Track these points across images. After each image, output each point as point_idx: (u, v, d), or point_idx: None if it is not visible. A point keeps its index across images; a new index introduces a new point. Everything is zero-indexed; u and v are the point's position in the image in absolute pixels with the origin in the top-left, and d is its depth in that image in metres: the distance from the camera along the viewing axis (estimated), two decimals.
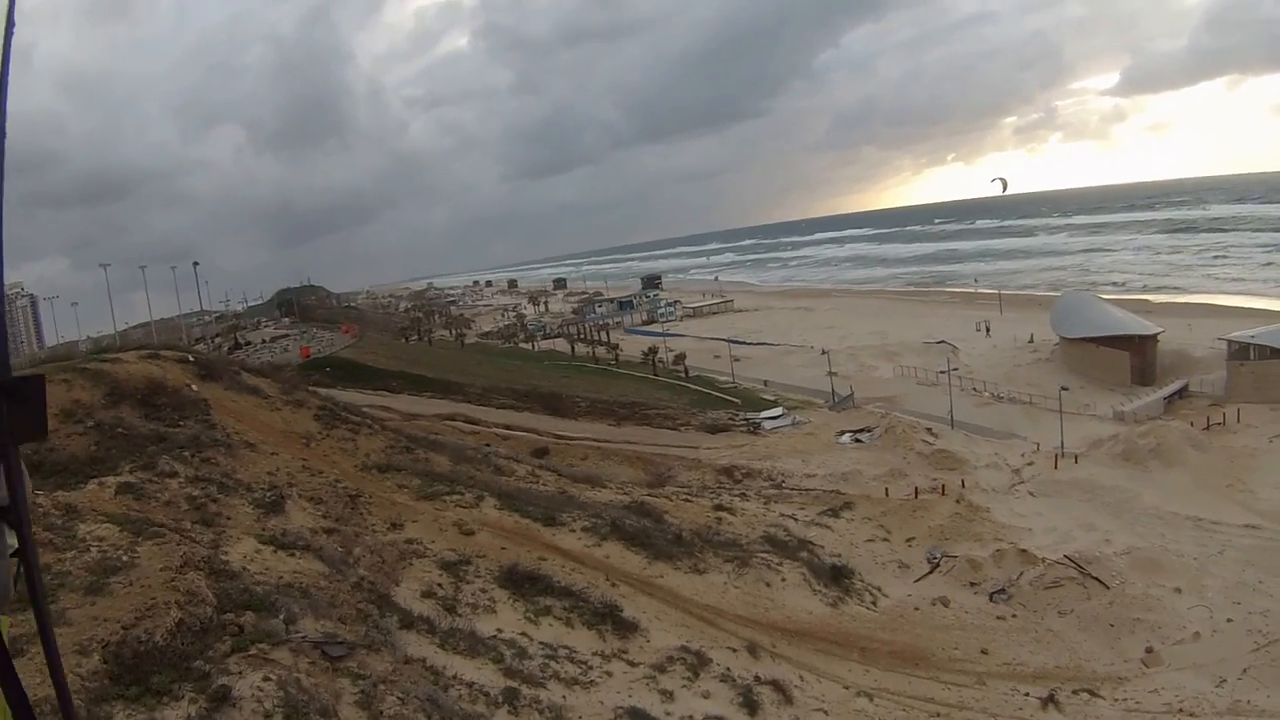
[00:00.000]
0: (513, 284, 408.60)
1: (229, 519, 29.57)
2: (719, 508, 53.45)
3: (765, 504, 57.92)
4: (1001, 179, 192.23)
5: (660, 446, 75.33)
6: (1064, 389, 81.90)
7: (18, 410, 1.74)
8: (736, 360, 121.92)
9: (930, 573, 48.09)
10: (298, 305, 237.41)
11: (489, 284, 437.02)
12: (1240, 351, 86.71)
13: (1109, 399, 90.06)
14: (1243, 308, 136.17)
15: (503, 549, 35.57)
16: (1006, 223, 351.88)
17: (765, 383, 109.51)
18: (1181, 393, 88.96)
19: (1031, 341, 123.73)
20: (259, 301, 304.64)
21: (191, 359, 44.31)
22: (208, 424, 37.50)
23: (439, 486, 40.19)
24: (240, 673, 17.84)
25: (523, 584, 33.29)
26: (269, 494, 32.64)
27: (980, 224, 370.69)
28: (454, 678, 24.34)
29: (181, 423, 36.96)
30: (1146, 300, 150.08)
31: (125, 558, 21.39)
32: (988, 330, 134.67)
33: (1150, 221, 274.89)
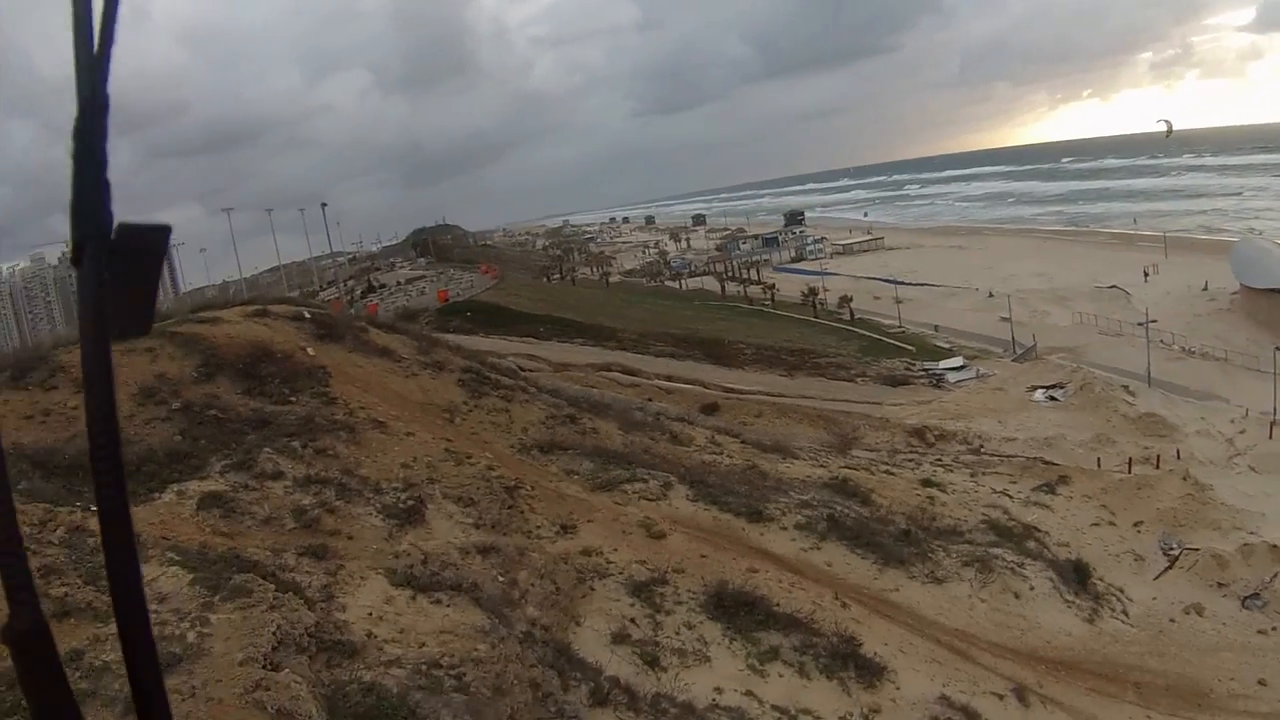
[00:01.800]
0: (650, 220, 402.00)
1: (350, 539, 21.80)
2: (927, 483, 45.29)
3: (972, 476, 49.44)
4: (1167, 121, 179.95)
5: (839, 402, 66.83)
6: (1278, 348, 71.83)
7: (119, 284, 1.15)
8: (899, 302, 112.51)
9: (1169, 568, 40.31)
10: (433, 245, 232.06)
11: (625, 220, 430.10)
12: None
13: None
14: None
15: (704, 558, 27.41)
16: (1140, 161, 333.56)
17: (936, 328, 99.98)
18: None
19: (1206, 289, 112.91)
20: (393, 241, 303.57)
21: (308, 315, 36.34)
22: (326, 399, 29.71)
23: (615, 470, 31.95)
24: None
25: (736, 612, 25.07)
26: (404, 496, 24.77)
27: (1109, 162, 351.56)
28: None
29: (293, 398, 29.32)
30: None
31: (192, 637, 13.81)
32: (1146, 275, 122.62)
33: None
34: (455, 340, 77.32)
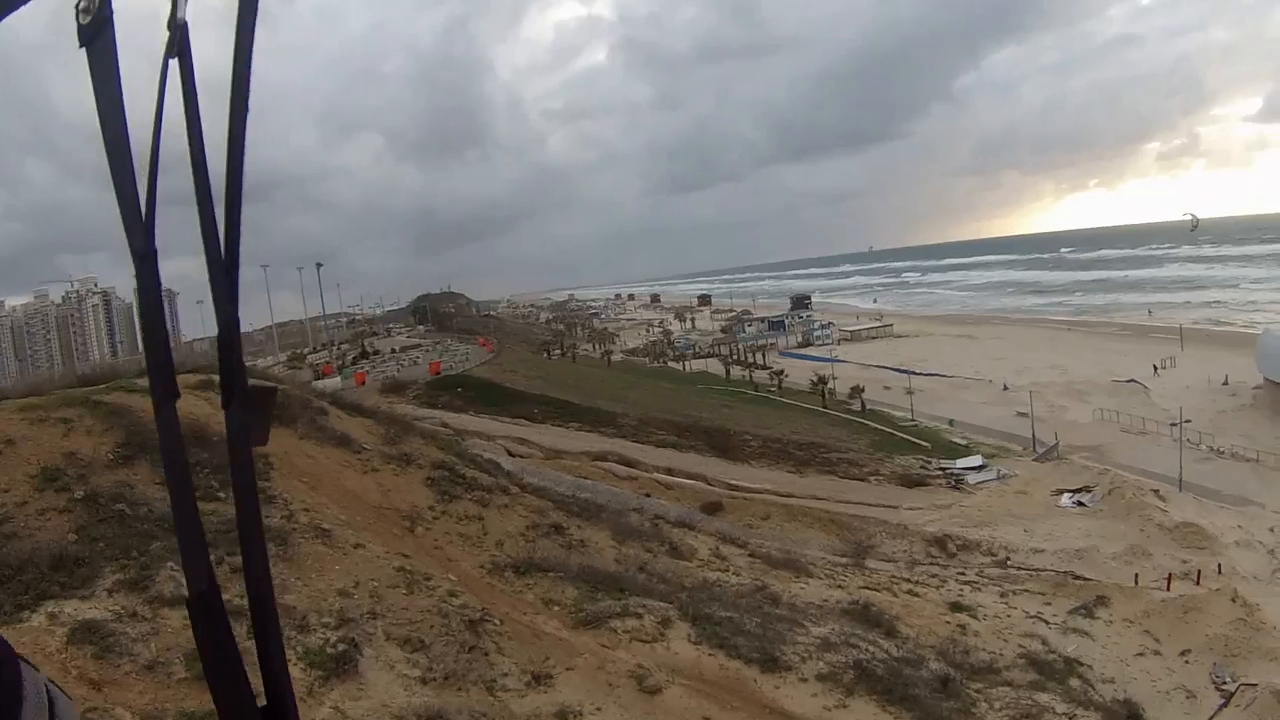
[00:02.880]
0: (655, 299, 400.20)
1: None
2: (956, 606, 40.26)
3: (1002, 596, 44.24)
4: (1193, 214, 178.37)
5: (853, 504, 61.58)
6: None
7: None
8: (910, 393, 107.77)
9: (1224, 705, 34.71)
10: (432, 313, 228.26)
11: (631, 297, 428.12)
12: None
13: None
14: None
15: None
16: (1141, 251, 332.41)
17: (951, 423, 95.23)
18: None
19: (1227, 383, 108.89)
20: (395, 306, 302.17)
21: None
22: (262, 497, 24.60)
23: (604, 600, 26.53)
24: None
25: None
26: (336, 637, 19.50)
27: (1109, 253, 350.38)
28: None
29: (222, 493, 24.18)
30: None
31: None
32: (1156, 369, 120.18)
33: None
34: (442, 418, 73.19)
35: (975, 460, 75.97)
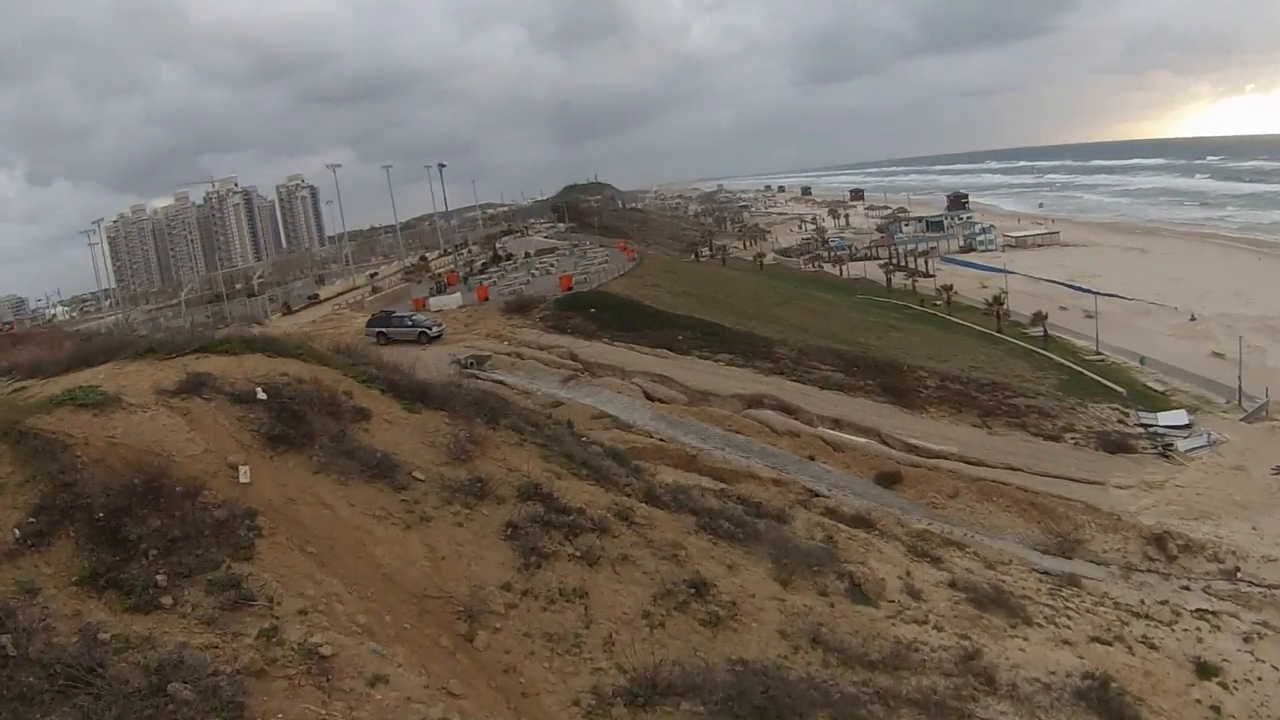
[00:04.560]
0: (806, 191, 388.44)
1: None
2: (1202, 669, 29.87)
3: (1246, 642, 33.36)
4: None
5: (1053, 478, 50.42)
6: None
7: None
8: (1090, 317, 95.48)
9: None
10: (571, 210, 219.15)
11: (780, 190, 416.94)
12: None
13: None
14: None
15: None
16: None
17: (1142, 361, 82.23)
18: None
19: None
20: (542, 197, 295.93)
21: (262, 394, 21.51)
22: (235, 596, 15.26)
23: None
24: None
25: None
26: None
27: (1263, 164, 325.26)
28: None
29: (173, 590, 15.08)
30: None
31: None
32: None
33: None
34: (570, 347, 63.77)
35: (1180, 417, 63.89)
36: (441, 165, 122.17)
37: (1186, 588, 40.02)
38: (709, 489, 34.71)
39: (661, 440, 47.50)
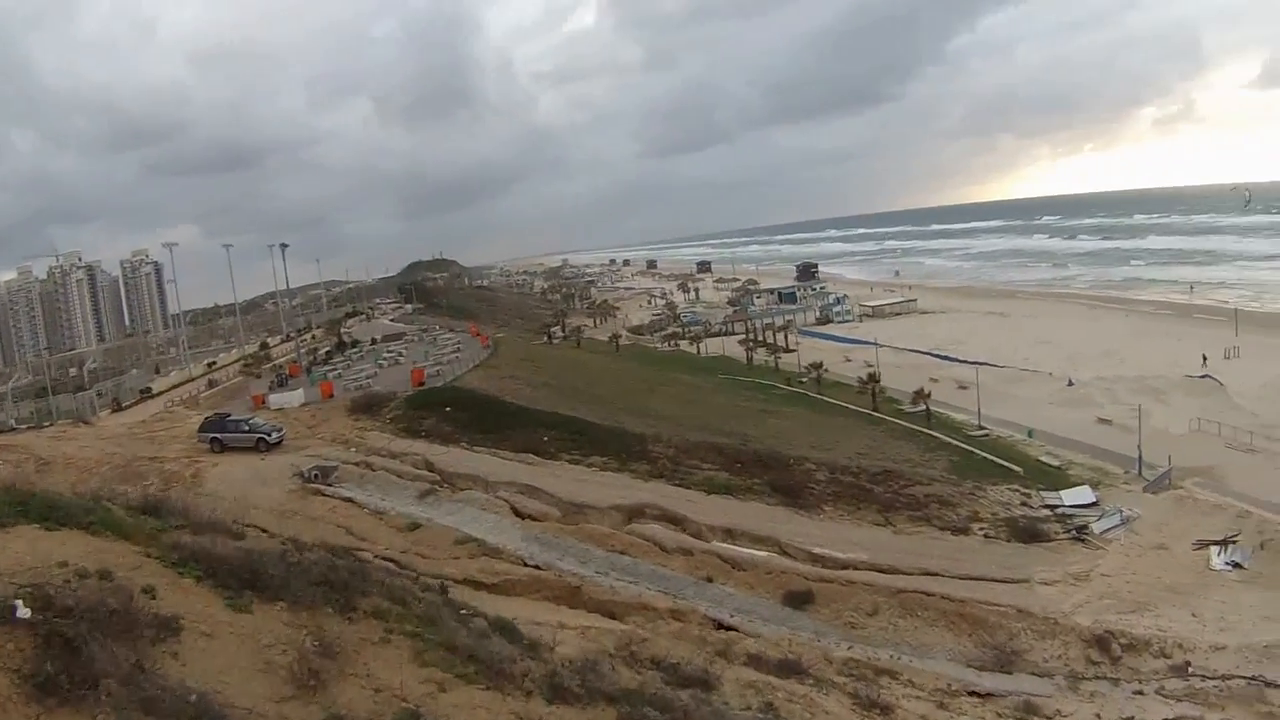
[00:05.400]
0: (652, 264, 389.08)
1: None
2: None
3: None
4: (1246, 189, 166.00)
5: (975, 580, 46.31)
6: None
7: None
8: (963, 388, 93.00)
9: None
10: (418, 291, 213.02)
11: (626, 263, 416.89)
12: None
13: None
14: None
15: None
16: (1151, 219, 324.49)
17: (1030, 433, 78.88)
18: None
19: None
20: (389, 275, 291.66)
21: (24, 609, 15.16)
22: None
23: None
24: None
25: None
26: None
27: (1105, 221, 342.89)
28: None
29: None
30: None
31: None
32: (1204, 360, 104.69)
33: None
34: (426, 454, 57.08)
35: (1086, 494, 60.58)
36: (284, 245, 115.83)
37: (1140, 692, 37.54)
38: (617, 655, 28.97)
39: (538, 568, 42.67)
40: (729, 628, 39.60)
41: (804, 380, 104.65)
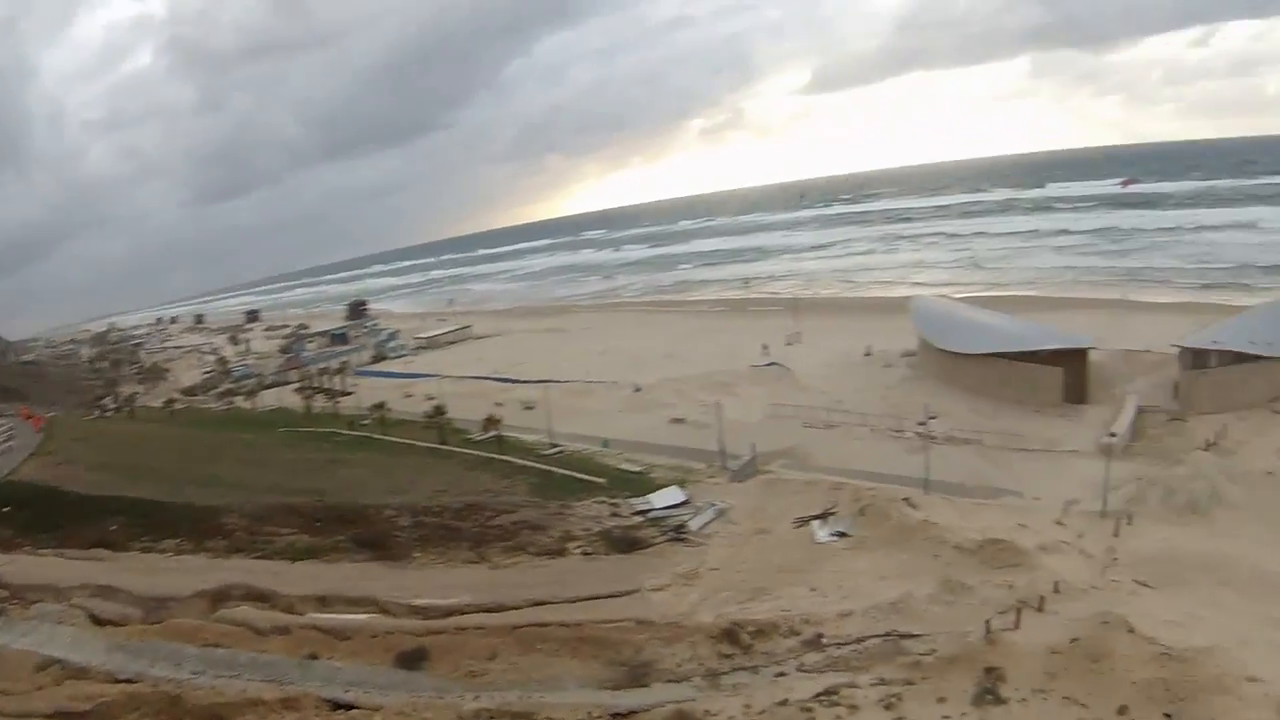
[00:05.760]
0: (199, 319, 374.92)
1: None
2: None
3: (887, 709, 32.50)
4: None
5: (586, 601, 48.16)
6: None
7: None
8: (529, 409, 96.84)
9: None
10: None
11: (173, 320, 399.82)
12: (1199, 359, 77.33)
13: (1040, 424, 75.25)
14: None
15: None
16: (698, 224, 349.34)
17: (605, 443, 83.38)
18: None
19: (870, 354, 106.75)
20: None
21: None
22: None
23: None
24: None
25: None
26: None
27: (654, 229, 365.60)
28: None
29: None
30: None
31: None
32: (765, 348, 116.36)
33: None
34: None
35: (675, 494, 64.73)
36: None
37: (782, 674, 38.34)
38: None
39: (129, 682, 40.41)
40: (348, 705, 38.65)
41: (366, 423, 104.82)
